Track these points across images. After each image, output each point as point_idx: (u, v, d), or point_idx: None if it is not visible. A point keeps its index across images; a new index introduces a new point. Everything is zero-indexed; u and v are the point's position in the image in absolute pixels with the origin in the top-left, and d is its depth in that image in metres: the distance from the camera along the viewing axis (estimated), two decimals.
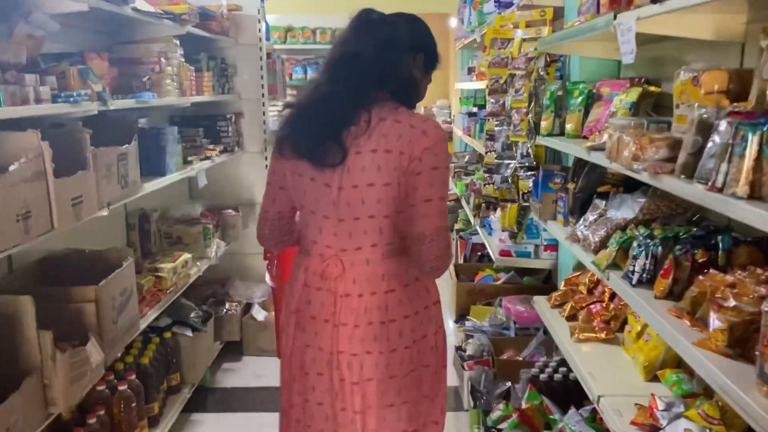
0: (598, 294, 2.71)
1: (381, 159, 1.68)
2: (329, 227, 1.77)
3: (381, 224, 1.74)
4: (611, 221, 2.17)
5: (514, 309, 3.48)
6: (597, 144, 2.11)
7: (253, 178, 4.32)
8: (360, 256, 1.76)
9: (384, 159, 1.68)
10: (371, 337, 1.75)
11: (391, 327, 1.78)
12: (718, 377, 1.31)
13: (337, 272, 1.77)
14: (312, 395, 1.84)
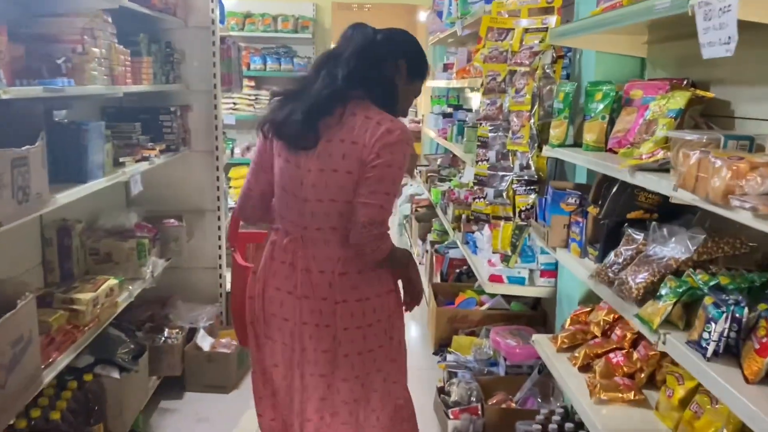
0: (616, 339, 2.25)
1: (347, 149, 1.86)
2: (295, 205, 1.95)
3: (341, 209, 1.90)
4: (657, 261, 1.70)
5: (504, 343, 3.00)
6: (645, 163, 1.64)
7: (203, 182, 3.74)
8: (319, 236, 1.95)
9: (349, 149, 1.86)
10: (329, 311, 1.95)
11: (344, 307, 1.95)
12: None
13: (298, 248, 1.96)
14: (274, 366, 2.06)
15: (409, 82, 2.02)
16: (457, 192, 4.35)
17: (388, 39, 1.97)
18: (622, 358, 2.15)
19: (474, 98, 6.29)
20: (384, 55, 1.94)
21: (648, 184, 1.59)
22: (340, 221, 1.91)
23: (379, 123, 1.86)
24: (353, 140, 1.86)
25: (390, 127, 1.85)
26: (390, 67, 1.96)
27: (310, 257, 1.95)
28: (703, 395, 1.72)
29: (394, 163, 1.86)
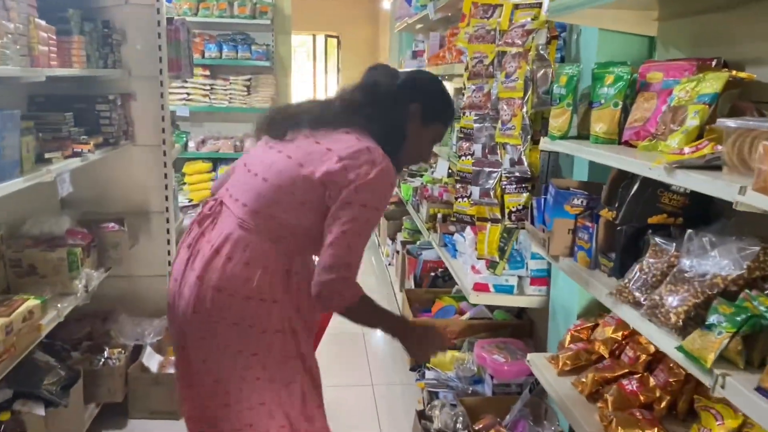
0: (628, 361, 1.94)
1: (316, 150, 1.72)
2: (242, 175, 1.81)
3: (272, 198, 1.72)
4: (698, 279, 1.38)
5: (490, 359, 2.69)
6: (689, 158, 1.32)
7: (148, 180, 3.32)
8: (239, 209, 1.76)
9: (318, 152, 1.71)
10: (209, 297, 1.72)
11: (224, 297, 1.72)
12: None
13: (214, 213, 1.82)
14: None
15: (423, 126, 1.87)
16: (431, 188, 4.02)
17: (405, 80, 1.87)
18: (637, 384, 1.85)
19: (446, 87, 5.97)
20: (395, 95, 1.83)
21: (695, 185, 1.27)
22: (266, 210, 1.72)
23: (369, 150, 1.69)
24: (329, 147, 1.71)
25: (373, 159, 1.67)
26: (400, 109, 1.83)
27: (217, 230, 1.77)
28: None
29: (368, 202, 1.67)
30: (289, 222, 1.71)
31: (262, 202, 1.72)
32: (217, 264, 1.70)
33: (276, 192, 1.71)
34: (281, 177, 1.71)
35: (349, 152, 1.67)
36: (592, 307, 2.29)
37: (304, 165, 1.70)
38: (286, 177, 1.70)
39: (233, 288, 1.69)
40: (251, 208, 1.73)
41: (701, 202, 1.67)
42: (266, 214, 1.71)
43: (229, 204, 1.79)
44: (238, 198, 1.77)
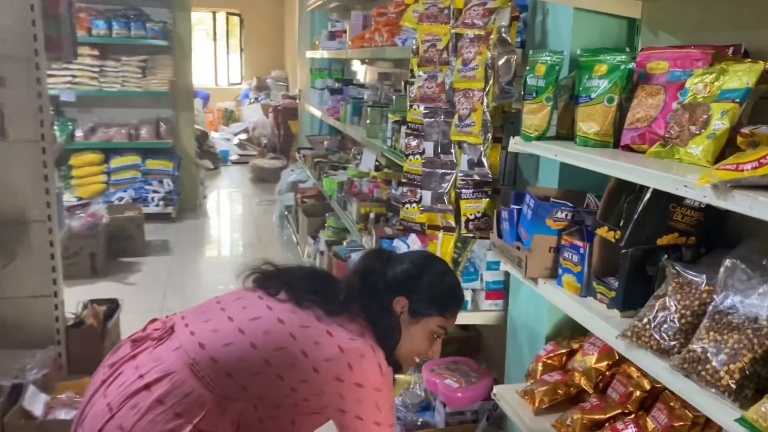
0: (619, 398, 1.68)
1: (303, 332, 1.40)
2: (212, 311, 1.48)
3: (255, 370, 1.37)
4: (748, 324, 1.11)
5: (441, 385, 2.37)
6: (752, 176, 1.03)
7: (25, 182, 2.75)
8: (197, 351, 1.36)
9: (306, 337, 1.40)
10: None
11: None
12: None
13: (158, 338, 1.42)
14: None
15: (415, 320, 1.56)
16: (359, 184, 3.66)
17: (398, 274, 1.57)
18: (634, 429, 1.58)
19: (361, 71, 5.60)
20: (388, 289, 1.55)
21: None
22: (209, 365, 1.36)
23: (372, 349, 1.44)
24: (329, 329, 1.43)
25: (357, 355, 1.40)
26: (387, 304, 1.54)
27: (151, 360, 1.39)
28: None
29: (364, 414, 1.40)
30: (259, 394, 1.38)
31: (240, 366, 1.37)
32: (141, 402, 1.29)
33: (261, 364, 1.38)
34: (278, 356, 1.39)
35: (357, 349, 1.40)
36: (563, 329, 2.02)
37: (297, 339, 1.40)
38: (272, 342, 1.39)
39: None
40: (223, 366, 1.36)
41: (716, 216, 1.41)
42: (240, 383, 1.37)
43: (182, 337, 1.41)
44: (204, 342, 1.39)
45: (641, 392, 1.64)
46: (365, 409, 1.37)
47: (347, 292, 1.50)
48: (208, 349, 1.35)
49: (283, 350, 1.37)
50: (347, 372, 1.37)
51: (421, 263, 1.60)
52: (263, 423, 1.40)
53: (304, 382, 1.38)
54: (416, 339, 1.55)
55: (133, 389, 1.31)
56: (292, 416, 1.42)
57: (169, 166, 5.94)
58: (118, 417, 1.29)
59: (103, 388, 1.34)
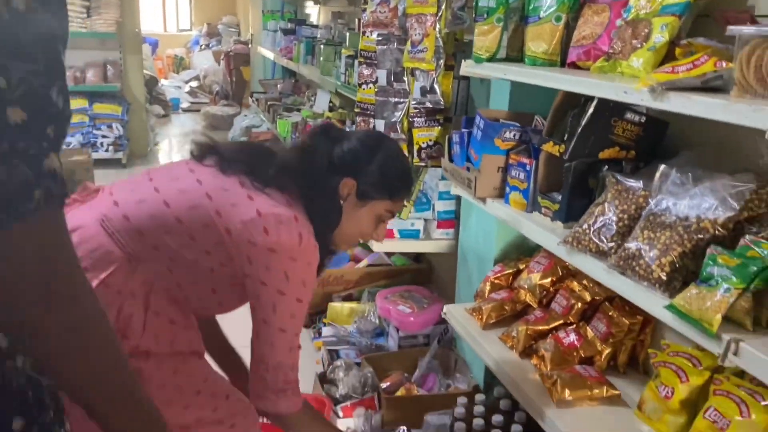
0: (561, 311, 1.77)
1: (222, 194, 1.31)
2: (138, 178, 1.41)
3: (166, 227, 1.29)
4: (680, 223, 1.18)
5: (395, 311, 2.44)
6: (685, 77, 1.08)
7: None
8: (112, 209, 1.31)
9: (223, 199, 1.30)
10: None
11: None
12: None
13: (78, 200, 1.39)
14: None
15: (362, 203, 1.46)
16: (313, 124, 3.64)
17: (344, 151, 1.45)
18: (576, 338, 1.68)
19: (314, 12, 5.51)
20: (326, 170, 1.43)
21: (701, 111, 1.03)
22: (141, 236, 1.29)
23: (296, 219, 1.30)
24: (251, 195, 1.31)
25: (275, 220, 1.28)
26: (332, 184, 1.43)
27: None
28: (724, 399, 1.28)
29: (283, 287, 1.29)
30: (172, 255, 1.30)
31: (152, 224, 1.29)
32: None
33: (173, 222, 1.29)
34: (191, 214, 1.29)
35: (277, 215, 1.28)
36: (510, 252, 2.10)
37: (213, 199, 1.30)
38: (186, 201, 1.31)
39: None
40: (135, 223, 1.29)
41: (655, 132, 1.48)
42: (151, 241, 1.29)
43: (103, 201, 1.35)
44: (120, 200, 1.33)
45: (582, 304, 1.73)
46: (276, 279, 1.27)
47: (280, 167, 1.37)
48: (122, 207, 1.30)
49: (197, 209, 1.29)
50: (261, 235, 1.26)
51: (371, 143, 1.48)
52: (182, 289, 1.33)
53: (218, 244, 1.29)
54: (362, 222, 1.48)
55: None
56: (211, 284, 1.34)
57: (118, 111, 5.78)
58: None
59: None
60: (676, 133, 1.50)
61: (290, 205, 1.32)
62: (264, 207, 1.29)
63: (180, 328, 1.35)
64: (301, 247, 1.28)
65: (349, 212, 1.45)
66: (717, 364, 1.38)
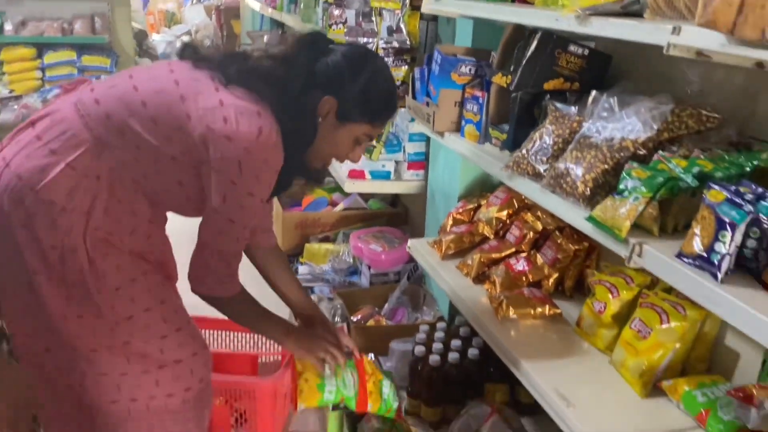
0: (514, 240, 1.86)
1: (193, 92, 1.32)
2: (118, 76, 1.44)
3: (132, 110, 1.32)
4: (605, 143, 1.26)
5: (367, 249, 2.54)
6: (606, 3, 1.15)
7: None
8: (88, 95, 1.36)
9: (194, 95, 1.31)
10: None
11: None
12: None
13: None
14: None
15: (339, 124, 1.41)
16: None
17: (327, 65, 1.38)
18: (526, 265, 1.78)
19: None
20: (307, 82, 1.37)
21: (616, 33, 1.11)
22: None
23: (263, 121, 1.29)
24: (223, 98, 1.30)
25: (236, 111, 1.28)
26: (311, 100, 1.37)
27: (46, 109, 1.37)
28: (647, 310, 1.38)
29: (237, 179, 1.29)
30: (137, 142, 1.32)
31: (119, 107, 1.32)
32: (24, 138, 1.32)
33: (138, 105, 1.32)
34: (156, 98, 1.32)
35: (240, 107, 1.29)
36: (474, 189, 2.18)
37: (179, 85, 1.33)
38: (154, 86, 1.34)
39: (28, 174, 1.28)
40: (104, 107, 1.32)
41: (598, 64, 1.55)
42: (117, 125, 1.31)
43: (83, 89, 1.39)
44: (96, 87, 1.37)
45: (534, 233, 1.83)
46: (229, 168, 1.27)
47: (253, 69, 1.35)
48: (95, 92, 1.35)
49: (162, 93, 1.31)
50: (220, 122, 1.26)
51: (357, 60, 1.40)
52: (147, 180, 1.35)
53: (178, 129, 1.30)
54: (338, 143, 1.43)
55: (20, 128, 1.34)
56: (176, 176, 1.36)
57: (107, 63, 5.78)
58: (2, 152, 1.33)
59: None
60: (620, 66, 1.57)
61: (257, 103, 1.31)
62: (227, 98, 1.29)
63: (143, 221, 1.39)
64: (258, 141, 1.27)
65: (326, 132, 1.40)
66: (649, 281, 1.49)
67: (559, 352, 1.51)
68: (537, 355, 1.48)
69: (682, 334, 1.32)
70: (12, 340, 1.44)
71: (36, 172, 1.28)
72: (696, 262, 0.99)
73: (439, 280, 1.89)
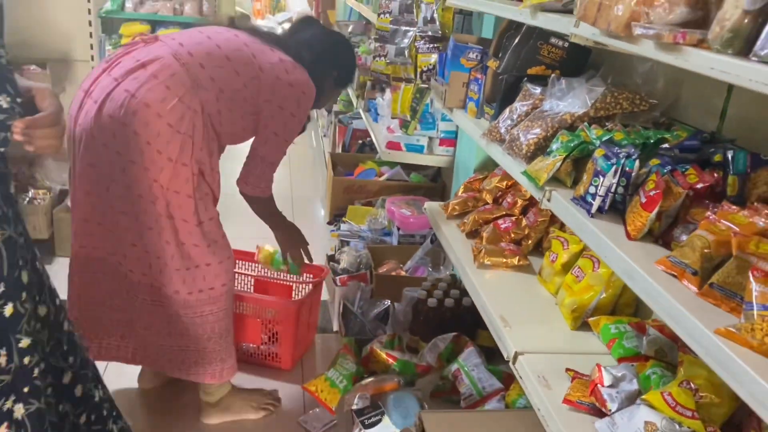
0: (507, 205, 2.16)
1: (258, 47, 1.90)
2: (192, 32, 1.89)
3: (219, 64, 1.81)
4: (551, 116, 1.56)
5: (398, 212, 2.89)
6: (549, 2, 1.45)
7: (71, 26, 3.28)
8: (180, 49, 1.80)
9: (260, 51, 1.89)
10: None
11: None
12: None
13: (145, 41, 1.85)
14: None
15: (333, 87, 2.14)
16: (364, 58, 4.07)
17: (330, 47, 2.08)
18: (510, 224, 2.07)
19: None
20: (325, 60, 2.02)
21: (549, 24, 1.41)
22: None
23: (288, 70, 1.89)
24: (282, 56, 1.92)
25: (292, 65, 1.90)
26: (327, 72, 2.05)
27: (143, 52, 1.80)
28: (586, 259, 1.66)
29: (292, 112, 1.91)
30: (221, 86, 1.79)
31: (209, 60, 1.79)
32: (141, 75, 1.73)
33: (223, 60, 1.81)
34: (235, 55, 1.82)
35: (292, 63, 1.90)
36: (488, 163, 2.48)
37: (249, 46, 1.86)
38: (231, 46, 1.83)
39: (154, 103, 1.70)
40: (197, 59, 1.78)
41: (578, 55, 1.82)
42: (209, 73, 1.78)
43: (168, 42, 1.82)
44: (183, 43, 1.81)
45: (523, 201, 2.12)
46: (288, 103, 1.86)
47: (298, 42, 1.99)
48: (186, 47, 1.79)
49: (239, 51, 1.83)
50: (284, 74, 1.86)
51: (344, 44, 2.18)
52: (221, 115, 1.81)
53: (254, 78, 1.82)
54: (329, 99, 2.19)
55: (132, 66, 1.74)
56: (241, 112, 1.84)
57: None
58: (123, 84, 1.71)
59: (106, 72, 1.78)
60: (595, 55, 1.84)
61: (297, 62, 1.92)
62: (283, 56, 1.89)
63: (215, 150, 1.86)
64: (308, 86, 1.90)
65: (327, 92, 2.09)
66: None
67: (516, 293, 1.81)
68: (497, 293, 1.79)
69: (608, 279, 1.59)
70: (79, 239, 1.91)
71: (158, 102, 1.71)
72: (579, 203, 1.28)
73: (440, 234, 2.22)
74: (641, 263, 1.07)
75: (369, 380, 2.07)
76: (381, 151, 2.86)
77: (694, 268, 0.99)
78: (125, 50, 1.85)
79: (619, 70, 1.72)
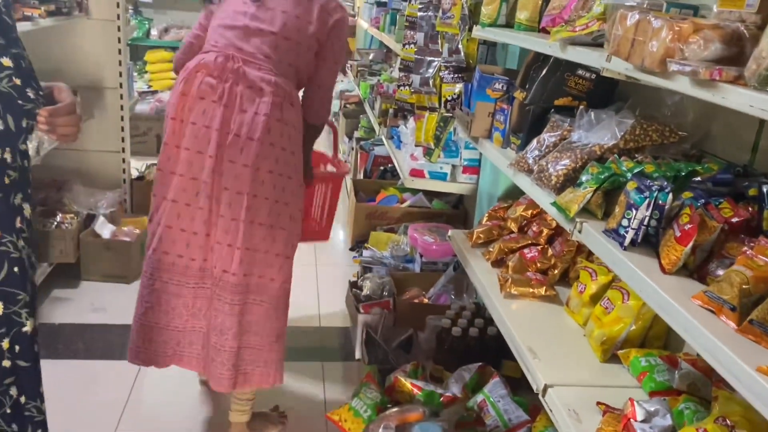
0: (533, 235, 2.16)
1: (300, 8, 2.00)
2: (244, 34, 1.98)
3: (285, 48, 1.99)
4: (580, 147, 1.56)
5: (421, 240, 2.90)
6: (578, 35, 1.46)
7: (102, 55, 3.35)
8: (264, 61, 1.97)
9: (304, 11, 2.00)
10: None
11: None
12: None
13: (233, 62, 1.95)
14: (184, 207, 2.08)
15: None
16: (386, 86, 4.12)
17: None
18: (536, 253, 2.07)
19: None
20: None
21: (579, 58, 1.43)
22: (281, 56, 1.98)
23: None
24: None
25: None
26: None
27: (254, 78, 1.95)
28: (615, 291, 1.66)
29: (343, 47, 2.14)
30: (295, 64, 1.99)
31: (279, 52, 1.95)
32: (270, 101, 1.92)
33: (286, 42, 1.96)
34: (286, 28, 1.96)
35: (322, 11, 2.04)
36: (512, 192, 2.49)
37: (300, 17, 1.98)
38: (291, 27, 1.97)
39: (286, 119, 1.95)
40: (275, 59, 1.95)
41: (605, 87, 1.84)
42: (285, 62, 1.97)
43: (249, 59, 1.94)
44: (254, 51, 1.95)
45: (548, 230, 2.12)
46: (343, 37, 2.08)
47: None
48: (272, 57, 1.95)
49: (299, 18, 1.98)
50: (340, 16, 2.04)
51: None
52: (299, 59, 2.01)
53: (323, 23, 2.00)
54: None
55: (268, 98, 1.93)
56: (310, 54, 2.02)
57: None
58: (271, 116, 1.92)
59: (238, 105, 1.91)
60: (623, 88, 1.85)
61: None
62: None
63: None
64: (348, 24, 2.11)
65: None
66: None
67: (544, 323, 1.80)
68: (525, 324, 1.78)
69: (638, 311, 1.58)
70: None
71: (294, 115, 1.98)
72: (611, 235, 1.28)
73: (465, 263, 2.22)
74: (677, 298, 1.07)
75: (393, 410, 2.06)
76: (404, 178, 2.88)
77: (733, 304, 0.98)
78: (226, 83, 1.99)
79: (648, 102, 1.73)
